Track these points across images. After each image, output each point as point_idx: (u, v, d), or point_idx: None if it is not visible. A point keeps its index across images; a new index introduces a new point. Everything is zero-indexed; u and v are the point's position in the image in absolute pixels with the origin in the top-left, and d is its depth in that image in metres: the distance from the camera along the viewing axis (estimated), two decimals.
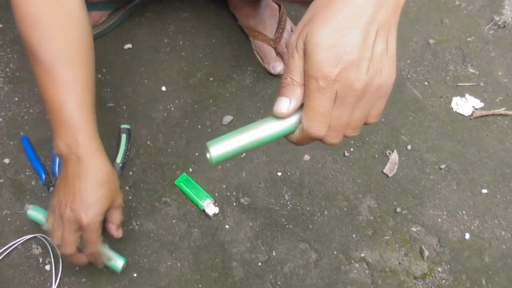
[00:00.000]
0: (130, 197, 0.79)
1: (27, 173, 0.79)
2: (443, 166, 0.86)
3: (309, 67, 0.38)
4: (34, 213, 0.72)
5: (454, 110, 0.93)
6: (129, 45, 0.94)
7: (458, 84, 0.96)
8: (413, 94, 0.95)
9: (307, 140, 0.41)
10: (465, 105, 0.94)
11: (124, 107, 0.87)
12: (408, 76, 0.97)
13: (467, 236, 0.80)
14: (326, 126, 0.39)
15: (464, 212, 0.82)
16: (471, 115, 0.92)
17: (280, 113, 0.41)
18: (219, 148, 0.42)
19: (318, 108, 0.38)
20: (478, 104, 0.94)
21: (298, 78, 0.40)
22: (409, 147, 0.88)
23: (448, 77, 0.97)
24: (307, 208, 0.80)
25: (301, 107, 0.41)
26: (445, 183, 0.85)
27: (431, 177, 0.85)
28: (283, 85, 0.41)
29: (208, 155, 0.43)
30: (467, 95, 0.95)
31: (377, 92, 0.39)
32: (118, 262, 0.68)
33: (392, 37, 0.40)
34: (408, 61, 0.99)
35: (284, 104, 0.40)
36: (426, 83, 0.96)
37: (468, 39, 1.03)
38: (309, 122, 0.39)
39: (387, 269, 0.76)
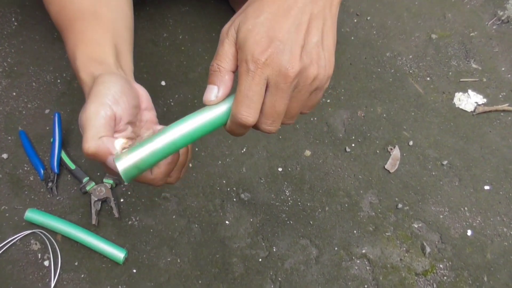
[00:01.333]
0: (129, 192, 0.78)
1: (25, 168, 0.79)
2: (445, 162, 0.85)
3: (240, 52, 0.38)
4: (32, 215, 0.73)
5: (456, 106, 0.92)
6: None
7: (461, 80, 0.95)
8: (415, 89, 0.94)
9: (237, 127, 0.40)
10: (468, 101, 0.93)
11: None
12: (410, 71, 0.96)
13: (469, 232, 0.79)
14: (255, 112, 0.39)
15: (466, 208, 0.81)
16: (474, 111, 0.92)
17: (209, 101, 0.41)
18: (128, 160, 0.38)
19: (246, 91, 0.38)
20: (481, 100, 0.93)
21: (225, 65, 0.40)
22: (411, 143, 0.87)
23: (450, 73, 0.96)
24: (308, 204, 0.80)
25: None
26: (447, 179, 0.84)
27: (433, 173, 0.84)
28: (211, 72, 0.41)
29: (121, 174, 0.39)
30: (469, 91, 0.94)
31: (313, 83, 0.39)
32: (120, 254, 0.70)
33: (328, 31, 0.40)
34: (410, 56, 0.98)
35: (213, 92, 0.40)
36: (428, 78, 0.95)
37: (471, 34, 1.02)
38: (237, 107, 0.38)
39: (388, 266, 0.75)
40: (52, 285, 0.70)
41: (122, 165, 0.39)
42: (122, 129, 0.44)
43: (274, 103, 0.39)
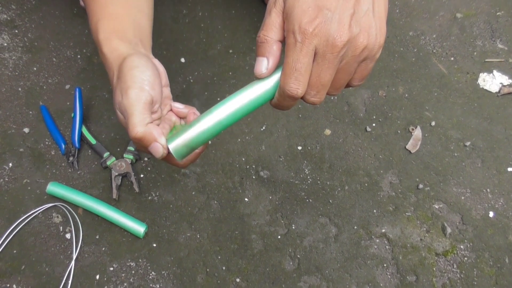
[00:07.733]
0: (149, 168, 0.78)
1: (47, 142, 0.79)
2: (468, 143, 0.84)
3: (288, 22, 0.37)
4: (54, 188, 0.73)
5: (480, 87, 0.90)
6: None
7: (486, 60, 0.93)
8: (438, 69, 0.92)
9: (285, 100, 0.39)
10: (493, 81, 0.90)
11: None
12: (434, 51, 0.93)
13: (491, 214, 0.78)
14: (304, 84, 0.38)
15: (488, 190, 0.80)
16: (499, 91, 0.89)
17: (261, 74, 0.40)
18: (179, 141, 0.43)
19: (295, 63, 0.37)
20: (506, 80, 0.90)
21: (272, 35, 0.39)
22: (433, 123, 0.85)
23: (475, 53, 0.94)
24: (328, 183, 0.79)
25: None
26: (470, 160, 0.82)
27: (455, 154, 0.83)
28: (258, 44, 0.40)
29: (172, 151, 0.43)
30: (494, 71, 0.91)
31: (362, 53, 0.38)
32: (140, 228, 0.71)
33: None
34: (434, 36, 0.95)
35: (263, 64, 0.39)
36: (452, 58, 0.93)
37: (498, 13, 0.99)
38: (285, 80, 0.38)
39: (408, 245, 0.75)
40: (74, 257, 0.71)
41: (174, 145, 0.42)
42: (155, 110, 0.46)
43: (320, 73, 0.37)
